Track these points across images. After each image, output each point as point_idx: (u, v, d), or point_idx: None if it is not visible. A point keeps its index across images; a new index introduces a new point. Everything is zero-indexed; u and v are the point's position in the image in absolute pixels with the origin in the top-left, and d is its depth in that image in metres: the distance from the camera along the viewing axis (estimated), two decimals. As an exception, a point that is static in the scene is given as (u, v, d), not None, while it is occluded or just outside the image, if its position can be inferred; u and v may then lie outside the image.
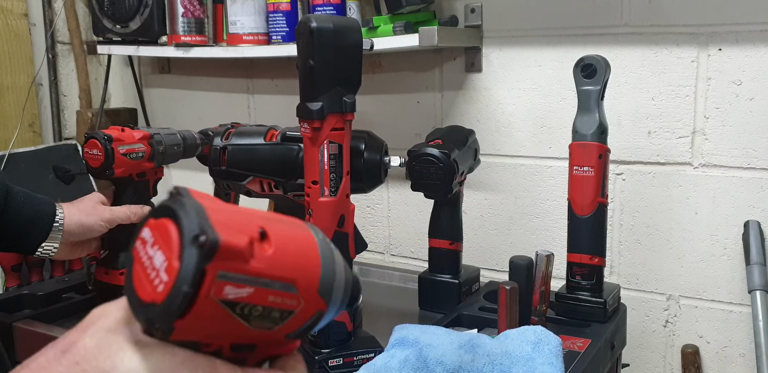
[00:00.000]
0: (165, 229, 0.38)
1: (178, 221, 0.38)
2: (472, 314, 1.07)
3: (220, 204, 0.41)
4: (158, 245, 0.38)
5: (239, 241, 0.37)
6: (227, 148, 0.95)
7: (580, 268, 1.06)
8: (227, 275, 0.37)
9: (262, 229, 0.39)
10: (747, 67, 1.16)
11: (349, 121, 0.84)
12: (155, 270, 0.38)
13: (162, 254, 0.38)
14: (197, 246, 0.36)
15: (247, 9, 1.46)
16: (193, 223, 0.37)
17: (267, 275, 0.38)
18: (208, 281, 0.36)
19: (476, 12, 1.36)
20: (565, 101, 1.30)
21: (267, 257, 0.39)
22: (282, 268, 0.39)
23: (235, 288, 0.37)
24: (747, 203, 1.19)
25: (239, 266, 0.37)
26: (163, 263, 0.38)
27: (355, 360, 0.89)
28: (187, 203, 0.38)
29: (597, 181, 1.03)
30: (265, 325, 0.39)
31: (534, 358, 0.81)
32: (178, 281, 0.36)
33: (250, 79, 1.74)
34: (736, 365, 1.24)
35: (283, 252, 0.40)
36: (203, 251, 0.36)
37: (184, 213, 0.38)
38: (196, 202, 0.39)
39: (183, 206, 0.38)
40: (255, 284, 0.38)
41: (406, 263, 1.55)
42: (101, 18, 1.64)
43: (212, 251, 0.36)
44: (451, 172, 1.03)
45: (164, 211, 0.39)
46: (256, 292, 0.38)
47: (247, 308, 0.38)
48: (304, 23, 0.80)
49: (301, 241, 0.42)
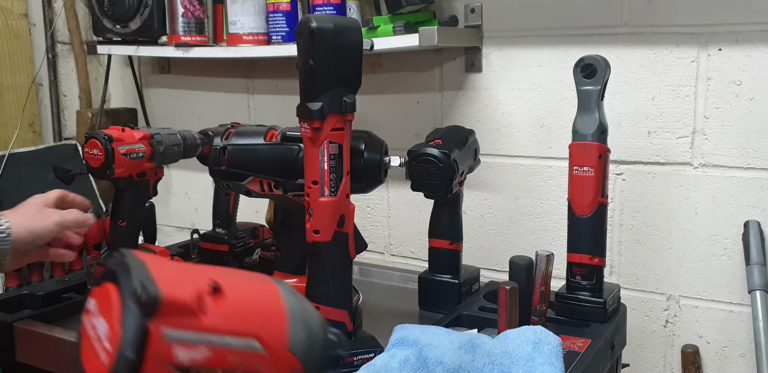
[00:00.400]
0: (106, 293, 0.35)
1: (117, 282, 0.34)
2: (472, 314, 1.07)
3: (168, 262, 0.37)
4: (102, 313, 0.35)
5: (184, 294, 0.34)
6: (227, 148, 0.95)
7: (580, 268, 1.06)
8: (175, 333, 0.33)
9: (215, 282, 0.36)
10: (747, 67, 1.16)
11: (349, 121, 0.84)
12: (99, 341, 0.34)
13: (104, 322, 0.34)
14: (137, 303, 0.33)
15: (247, 9, 1.46)
16: (131, 280, 0.34)
17: (223, 331, 0.34)
18: (154, 342, 0.33)
19: (476, 12, 1.36)
20: (565, 101, 1.30)
21: (222, 312, 0.35)
22: (241, 322, 0.35)
23: (188, 350, 0.33)
24: (747, 203, 1.19)
25: (188, 322, 0.33)
26: (106, 331, 0.34)
27: (355, 360, 0.89)
28: (128, 262, 0.35)
29: (597, 182, 1.03)
30: None
31: (534, 358, 0.81)
32: (121, 347, 0.32)
33: (250, 79, 1.74)
34: (736, 365, 1.24)
35: (240, 305, 0.35)
36: (143, 307, 0.33)
37: (123, 274, 0.34)
38: (137, 260, 0.35)
39: (123, 266, 0.35)
40: (210, 343, 0.34)
41: (406, 263, 1.55)
42: (101, 18, 1.64)
43: (153, 305, 0.33)
44: (451, 172, 1.03)
45: (105, 275, 0.36)
46: (212, 353, 0.34)
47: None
48: (304, 23, 0.80)
49: (262, 293, 0.38)
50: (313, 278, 0.88)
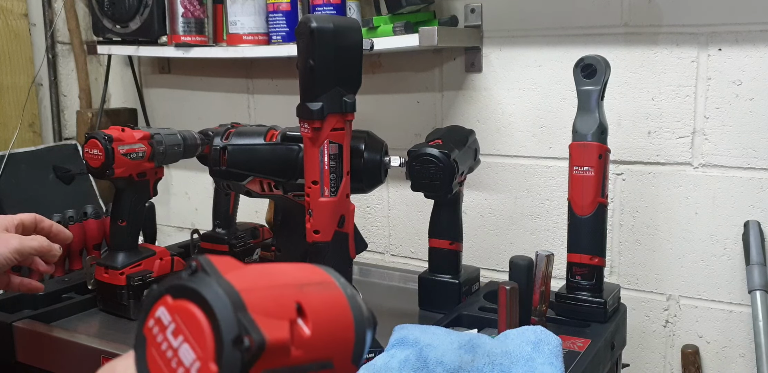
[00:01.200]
0: (192, 319, 0.32)
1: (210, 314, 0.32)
2: (472, 314, 1.07)
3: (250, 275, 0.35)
4: (184, 336, 0.33)
5: (283, 334, 0.32)
6: (227, 148, 0.95)
7: (580, 268, 1.06)
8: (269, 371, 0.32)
9: (299, 304, 0.34)
10: (747, 67, 1.16)
11: (349, 121, 0.84)
12: (182, 367, 0.33)
13: (191, 351, 0.32)
14: (241, 350, 0.31)
15: (247, 9, 1.46)
16: (231, 320, 0.31)
17: (307, 361, 0.34)
18: None
19: (476, 12, 1.36)
20: (565, 101, 1.30)
21: (306, 340, 0.34)
22: (320, 348, 0.35)
23: None
24: (747, 203, 1.19)
25: (281, 360, 0.33)
26: (194, 361, 0.32)
27: (355, 360, 0.89)
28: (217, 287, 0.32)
29: (597, 182, 1.03)
30: None
31: (534, 358, 0.81)
32: None
33: (250, 79, 1.74)
34: (736, 365, 1.24)
35: (320, 329, 0.35)
36: (248, 355, 0.31)
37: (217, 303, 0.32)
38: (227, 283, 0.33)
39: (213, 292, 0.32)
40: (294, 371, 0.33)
41: (406, 263, 1.55)
42: (101, 18, 1.64)
43: (258, 354, 0.31)
44: (451, 172, 1.03)
45: (187, 292, 0.33)
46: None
47: None
48: (304, 23, 0.80)
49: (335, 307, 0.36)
50: (313, 278, 0.88)
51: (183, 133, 1.16)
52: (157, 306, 0.34)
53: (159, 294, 0.34)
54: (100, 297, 1.14)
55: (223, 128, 0.99)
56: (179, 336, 0.33)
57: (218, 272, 0.33)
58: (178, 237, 1.84)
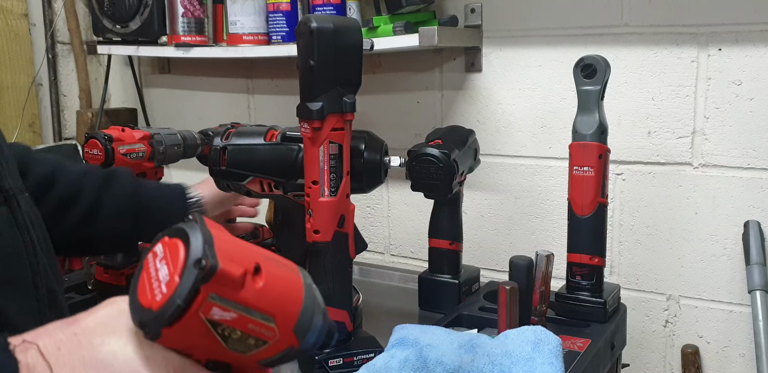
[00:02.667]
0: (175, 248, 0.43)
1: (187, 244, 0.43)
2: (472, 314, 1.07)
3: (228, 236, 0.45)
4: (166, 260, 0.43)
5: (235, 270, 0.42)
6: (227, 148, 0.95)
7: (580, 268, 1.06)
8: (217, 297, 0.42)
9: (258, 264, 0.44)
10: (747, 67, 1.16)
11: (349, 121, 0.84)
12: (158, 281, 0.43)
13: (167, 269, 0.43)
14: (198, 268, 0.41)
15: (247, 9, 1.45)
16: (199, 247, 0.42)
17: (252, 305, 0.43)
18: (200, 299, 0.41)
19: (476, 12, 1.36)
20: (565, 101, 1.30)
21: (256, 290, 0.43)
22: (267, 301, 0.44)
23: (222, 311, 0.42)
24: (747, 203, 1.19)
25: (230, 292, 0.42)
26: (166, 276, 0.43)
27: (355, 360, 0.89)
28: (200, 230, 0.43)
29: (597, 181, 1.03)
30: (240, 348, 0.44)
31: (534, 358, 0.81)
32: (174, 295, 0.41)
33: (250, 79, 1.74)
34: (736, 365, 1.24)
35: (271, 288, 0.44)
36: (202, 273, 0.41)
37: (194, 238, 0.43)
38: (207, 230, 0.44)
39: (195, 232, 0.43)
40: (239, 311, 0.43)
41: (406, 263, 1.55)
42: (101, 18, 1.64)
43: (210, 274, 0.41)
44: (451, 172, 1.03)
45: (178, 232, 0.44)
46: (239, 318, 0.43)
47: (227, 331, 0.43)
48: (304, 23, 0.80)
49: (289, 282, 0.46)
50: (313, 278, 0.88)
51: (183, 133, 1.16)
52: (157, 243, 0.45)
53: (161, 235, 0.45)
54: (100, 297, 1.14)
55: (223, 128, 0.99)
56: (163, 261, 0.44)
57: (206, 225, 0.44)
58: (178, 237, 1.84)
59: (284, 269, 0.47)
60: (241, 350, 0.44)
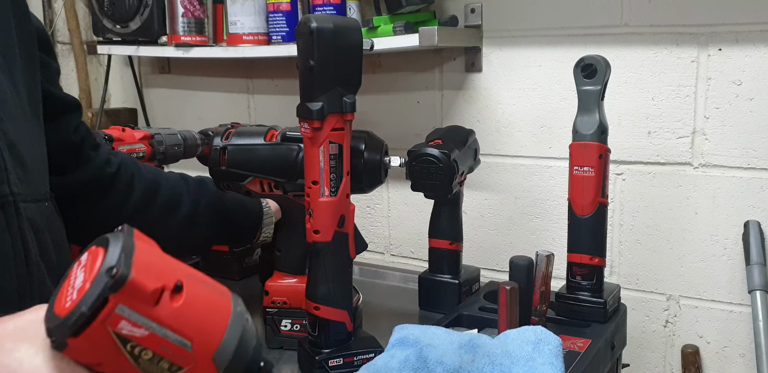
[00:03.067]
0: (95, 256, 0.42)
1: (105, 251, 0.41)
2: (472, 314, 1.07)
3: (155, 251, 0.44)
4: (85, 268, 0.42)
5: (149, 283, 0.40)
6: (227, 149, 0.95)
7: (580, 268, 1.06)
8: (126, 310, 0.40)
9: (180, 282, 0.42)
10: (747, 67, 1.16)
11: (349, 122, 0.84)
12: (73, 288, 0.42)
13: (83, 276, 0.42)
14: (109, 276, 0.40)
15: (247, 9, 1.46)
16: (114, 256, 0.41)
17: (165, 324, 0.41)
18: (107, 309, 0.40)
19: (476, 12, 1.36)
20: (565, 101, 1.30)
21: (172, 308, 0.41)
22: (183, 323, 0.41)
23: (130, 325, 0.40)
24: (747, 203, 1.19)
25: (141, 306, 0.40)
26: (80, 283, 0.41)
27: (355, 360, 0.89)
28: (122, 239, 0.42)
29: (597, 182, 1.03)
30: (153, 371, 0.42)
31: (534, 358, 0.81)
32: (81, 301, 0.40)
33: (250, 79, 1.74)
34: (736, 365, 1.24)
35: (190, 309, 0.42)
36: (111, 281, 0.39)
37: (113, 246, 0.41)
38: (131, 240, 0.42)
39: (117, 241, 0.42)
40: (150, 329, 0.40)
41: (406, 263, 1.55)
42: (101, 18, 1.64)
43: (119, 283, 0.39)
44: (451, 172, 1.03)
45: (103, 241, 0.43)
46: (150, 336, 0.41)
47: (138, 349, 0.41)
48: (304, 23, 0.80)
49: (214, 306, 0.44)
50: (313, 278, 0.88)
51: (183, 133, 1.16)
52: (85, 252, 0.44)
53: (90, 244, 0.44)
54: None
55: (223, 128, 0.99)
56: (82, 269, 0.42)
57: (132, 236, 0.43)
58: (178, 237, 1.84)
59: (212, 292, 0.44)
60: None
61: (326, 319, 0.88)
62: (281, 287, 1.00)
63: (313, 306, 0.88)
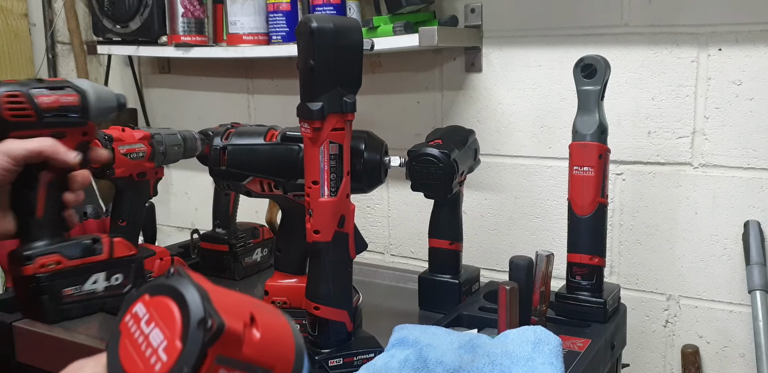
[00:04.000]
0: (166, 308, 0.39)
1: (181, 302, 0.38)
2: (472, 314, 1.07)
3: (214, 287, 0.42)
4: (156, 323, 0.39)
5: (238, 326, 0.39)
6: (227, 148, 0.95)
7: (580, 268, 1.06)
8: (224, 359, 0.38)
9: (252, 315, 0.41)
10: (747, 67, 1.16)
11: (350, 122, 0.84)
12: (152, 348, 0.39)
13: (161, 333, 0.38)
14: (203, 329, 0.37)
15: (247, 9, 1.46)
16: (198, 305, 0.38)
17: (255, 361, 0.40)
18: (208, 363, 0.37)
19: (476, 12, 1.36)
20: (565, 101, 1.30)
21: (255, 343, 0.40)
22: (266, 354, 0.41)
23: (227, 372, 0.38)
24: (747, 203, 1.19)
25: (234, 351, 0.39)
26: (162, 342, 0.38)
27: (355, 360, 0.89)
28: (191, 284, 0.39)
29: (597, 181, 1.03)
30: None
31: (534, 358, 0.81)
32: (179, 362, 0.37)
33: (250, 79, 1.74)
34: (736, 365, 1.24)
35: (267, 339, 0.41)
36: (209, 335, 0.37)
37: (189, 294, 0.38)
38: (198, 284, 0.40)
39: (187, 287, 0.39)
40: (243, 369, 0.39)
41: (406, 263, 1.55)
42: (101, 18, 1.64)
43: (217, 335, 0.37)
44: (451, 172, 1.03)
45: (164, 289, 0.40)
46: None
47: None
48: (304, 23, 0.80)
49: (280, 328, 0.43)
50: (313, 278, 0.88)
51: (183, 133, 1.16)
52: (135, 304, 0.41)
53: (139, 294, 0.41)
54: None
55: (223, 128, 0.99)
56: (152, 323, 0.39)
57: (191, 277, 0.40)
58: (178, 237, 1.84)
59: (273, 314, 0.44)
60: None
61: (326, 319, 0.88)
62: (281, 287, 1.00)
63: (313, 306, 0.88)
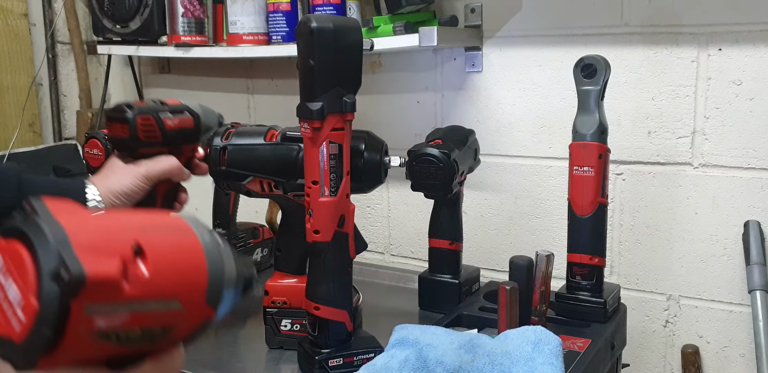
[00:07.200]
0: (18, 257, 0.33)
1: (32, 251, 0.32)
2: (472, 314, 1.07)
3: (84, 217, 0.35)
4: (11, 274, 0.33)
5: (109, 269, 0.32)
6: (227, 148, 0.95)
7: (580, 268, 1.06)
8: (95, 307, 0.32)
9: (137, 244, 0.34)
10: (747, 67, 1.16)
11: (349, 121, 0.84)
12: (9, 304, 0.33)
13: (16, 288, 0.33)
14: (58, 283, 0.31)
15: (247, 9, 1.45)
16: (51, 254, 0.32)
17: (144, 299, 0.34)
18: (74, 317, 0.32)
19: (476, 12, 1.36)
20: (565, 101, 1.30)
21: (143, 280, 0.34)
22: (162, 287, 0.34)
23: (108, 318, 0.33)
24: (747, 203, 1.19)
25: (111, 296, 0.32)
26: (18, 298, 0.33)
27: (355, 360, 0.89)
28: (44, 226, 0.33)
29: (597, 182, 1.03)
30: (147, 341, 0.36)
31: (534, 358, 0.81)
32: (37, 323, 0.32)
33: (250, 79, 1.74)
34: (736, 365, 1.24)
35: (162, 269, 0.35)
36: (65, 289, 0.31)
37: (39, 241, 0.32)
38: (54, 222, 0.33)
39: (38, 231, 0.32)
40: (130, 310, 0.34)
41: (406, 263, 1.55)
42: (101, 18, 1.64)
43: (76, 287, 0.31)
44: (451, 172, 1.03)
45: (16, 232, 0.33)
46: (132, 316, 0.34)
47: (123, 334, 0.34)
48: (304, 23, 0.80)
49: (184, 250, 0.37)
50: (313, 278, 0.88)
51: None
52: None
53: None
54: None
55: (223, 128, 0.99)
56: (7, 275, 0.33)
57: (49, 212, 0.34)
58: (178, 237, 1.84)
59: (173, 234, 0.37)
60: (148, 342, 0.36)
61: (326, 319, 0.88)
62: (281, 287, 1.00)
63: (313, 306, 0.88)
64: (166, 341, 0.37)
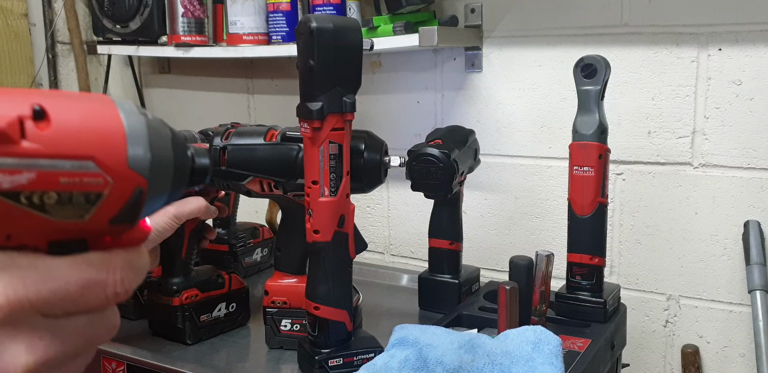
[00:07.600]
0: None
1: None
2: (472, 314, 1.07)
3: None
4: None
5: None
6: (227, 148, 0.95)
7: (580, 268, 1.06)
8: None
9: (39, 106, 0.33)
10: (747, 67, 1.16)
11: (349, 121, 0.84)
12: None
13: None
14: None
15: (247, 9, 1.46)
16: None
17: (49, 155, 0.33)
18: None
19: (476, 12, 1.36)
20: (565, 101, 1.30)
21: (46, 136, 0.33)
22: (70, 145, 0.33)
23: (8, 175, 0.32)
24: (747, 203, 1.19)
25: (5, 149, 0.32)
26: None
27: (355, 360, 0.89)
28: None
29: (597, 181, 1.03)
30: (72, 213, 0.34)
31: (534, 358, 0.81)
32: None
33: (250, 79, 1.74)
34: (736, 365, 1.24)
35: (69, 128, 0.34)
36: None
37: None
38: None
39: None
40: (35, 167, 0.32)
41: (406, 263, 1.55)
42: (101, 18, 1.64)
43: None
44: (451, 172, 1.03)
45: None
46: (39, 176, 0.32)
47: (35, 196, 0.33)
48: (304, 23, 0.80)
49: (97, 114, 0.35)
50: (313, 278, 0.88)
51: (183, 133, 1.16)
52: None
53: None
54: None
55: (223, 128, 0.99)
56: None
57: None
58: (178, 237, 1.84)
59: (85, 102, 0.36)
60: (76, 215, 0.34)
61: (326, 319, 0.88)
62: (281, 287, 1.00)
63: (313, 306, 0.88)
64: (99, 215, 0.35)
